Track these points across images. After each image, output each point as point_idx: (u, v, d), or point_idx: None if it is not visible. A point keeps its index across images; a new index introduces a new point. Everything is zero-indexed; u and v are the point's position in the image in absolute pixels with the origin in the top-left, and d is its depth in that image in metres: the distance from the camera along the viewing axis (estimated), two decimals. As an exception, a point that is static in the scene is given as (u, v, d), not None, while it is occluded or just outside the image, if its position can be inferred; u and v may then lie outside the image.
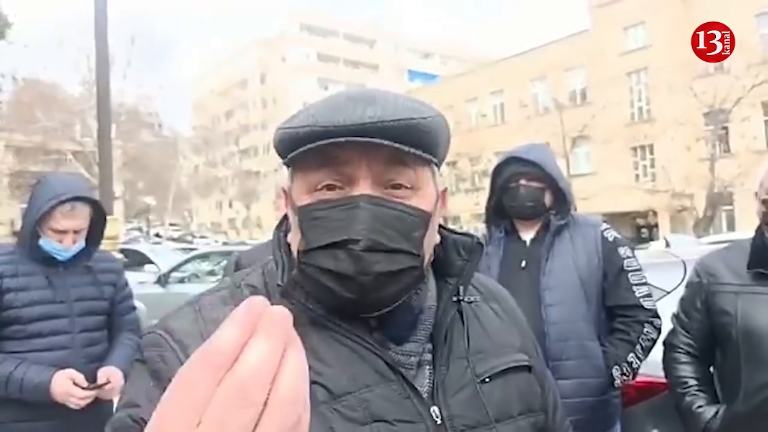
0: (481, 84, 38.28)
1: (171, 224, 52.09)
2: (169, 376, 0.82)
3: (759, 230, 2.16)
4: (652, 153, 29.69)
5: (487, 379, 0.98)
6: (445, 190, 1.03)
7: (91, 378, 2.53)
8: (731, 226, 24.80)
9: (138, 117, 35.77)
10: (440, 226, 1.01)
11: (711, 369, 2.26)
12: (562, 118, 25.94)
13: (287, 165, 0.96)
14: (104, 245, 2.89)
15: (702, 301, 2.19)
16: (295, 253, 0.94)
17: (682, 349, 2.26)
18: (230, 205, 61.87)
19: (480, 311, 1.07)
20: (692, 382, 2.20)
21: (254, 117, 65.90)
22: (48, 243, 2.53)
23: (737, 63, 19.51)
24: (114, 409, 0.91)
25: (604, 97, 26.71)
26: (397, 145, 0.86)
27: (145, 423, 0.79)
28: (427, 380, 0.94)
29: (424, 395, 0.92)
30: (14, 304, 2.47)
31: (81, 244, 2.62)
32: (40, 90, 30.40)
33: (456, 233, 1.04)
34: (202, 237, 45.27)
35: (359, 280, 0.86)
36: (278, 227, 1.04)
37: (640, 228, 29.62)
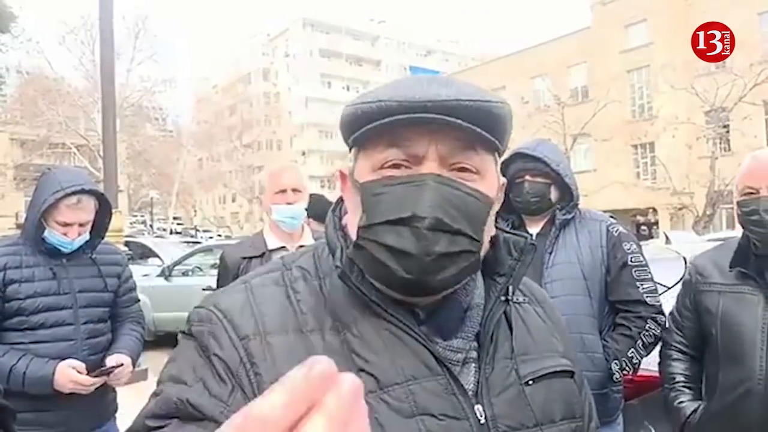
0: (482, 81, 38.14)
1: (175, 218, 52.00)
2: (219, 354, 0.84)
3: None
4: (652, 151, 29.64)
5: (530, 382, 0.95)
6: (505, 182, 1.01)
7: (95, 369, 2.53)
8: (731, 225, 24.75)
9: (142, 111, 35.78)
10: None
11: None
12: (563, 115, 25.86)
13: (351, 146, 0.95)
14: (108, 238, 2.89)
15: (691, 300, 2.23)
16: (352, 232, 0.92)
17: (675, 346, 2.32)
18: (233, 200, 61.75)
19: (526, 313, 1.05)
20: (679, 378, 2.25)
21: (257, 112, 65.78)
22: (53, 235, 2.54)
23: (739, 61, 19.42)
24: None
25: (605, 94, 26.57)
26: (470, 125, 0.84)
27: (190, 405, 0.79)
28: (472, 378, 0.92)
29: (469, 393, 0.90)
30: (18, 295, 2.47)
31: (85, 236, 2.62)
32: (45, 84, 30.33)
33: (508, 231, 1.00)
34: (205, 231, 45.20)
35: (421, 259, 0.83)
36: (333, 210, 1.01)
37: (640, 225, 29.56)
